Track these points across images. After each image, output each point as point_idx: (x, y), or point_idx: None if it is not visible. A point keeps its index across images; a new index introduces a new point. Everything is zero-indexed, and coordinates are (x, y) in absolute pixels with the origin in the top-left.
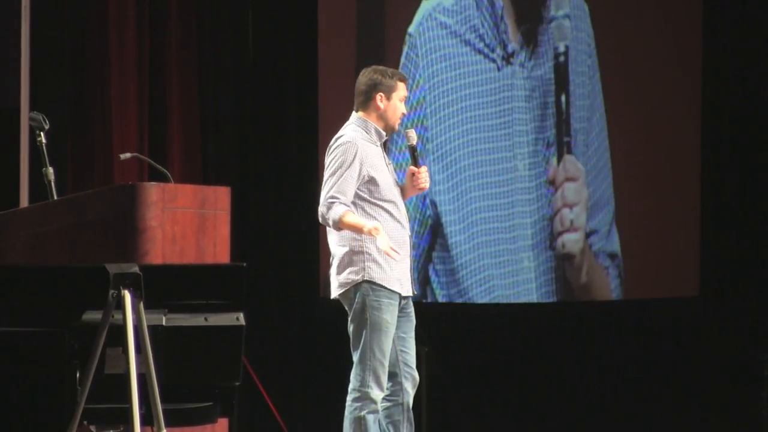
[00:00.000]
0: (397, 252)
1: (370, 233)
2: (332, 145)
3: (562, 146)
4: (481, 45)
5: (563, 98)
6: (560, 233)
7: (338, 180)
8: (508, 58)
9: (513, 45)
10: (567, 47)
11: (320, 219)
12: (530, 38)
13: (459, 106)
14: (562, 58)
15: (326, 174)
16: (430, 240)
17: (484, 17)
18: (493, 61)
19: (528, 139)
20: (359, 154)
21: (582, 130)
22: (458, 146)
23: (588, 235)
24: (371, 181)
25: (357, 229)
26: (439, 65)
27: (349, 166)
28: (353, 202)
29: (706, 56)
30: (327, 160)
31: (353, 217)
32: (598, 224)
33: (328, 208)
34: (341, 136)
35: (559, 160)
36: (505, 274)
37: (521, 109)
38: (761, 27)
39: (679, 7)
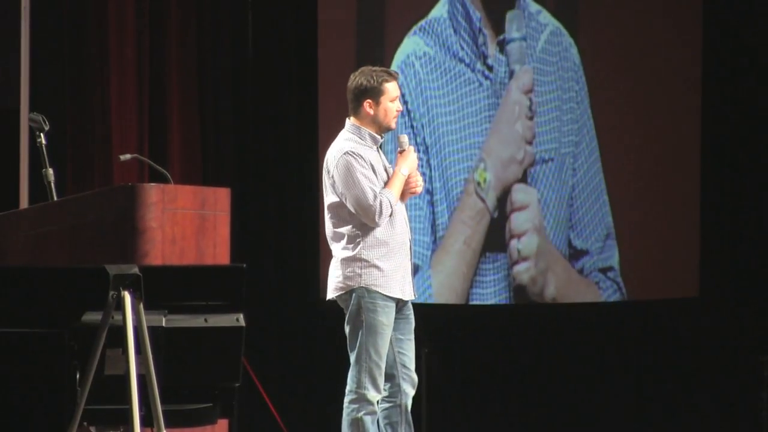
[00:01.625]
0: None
1: (413, 180)
2: (330, 160)
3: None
4: (462, 66)
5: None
6: (512, 265)
7: (360, 181)
8: (488, 74)
9: (491, 59)
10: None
11: (379, 221)
12: (504, 49)
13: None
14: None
15: (344, 189)
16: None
17: (463, 38)
18: (475, 82)
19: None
20: (357, 153)
21: (570, 154)
22: (459, 172)
23: (578, 255)
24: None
25: (402, 185)
26: (427, 104)
27: (359, 165)
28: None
29: (705, 58)
30: (334, 177)
31: (394, 188)
32: (590, 245)
33: (380, 205)
34: (335, 152)
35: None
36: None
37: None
38: (762, 25)
39: (679, 17)
